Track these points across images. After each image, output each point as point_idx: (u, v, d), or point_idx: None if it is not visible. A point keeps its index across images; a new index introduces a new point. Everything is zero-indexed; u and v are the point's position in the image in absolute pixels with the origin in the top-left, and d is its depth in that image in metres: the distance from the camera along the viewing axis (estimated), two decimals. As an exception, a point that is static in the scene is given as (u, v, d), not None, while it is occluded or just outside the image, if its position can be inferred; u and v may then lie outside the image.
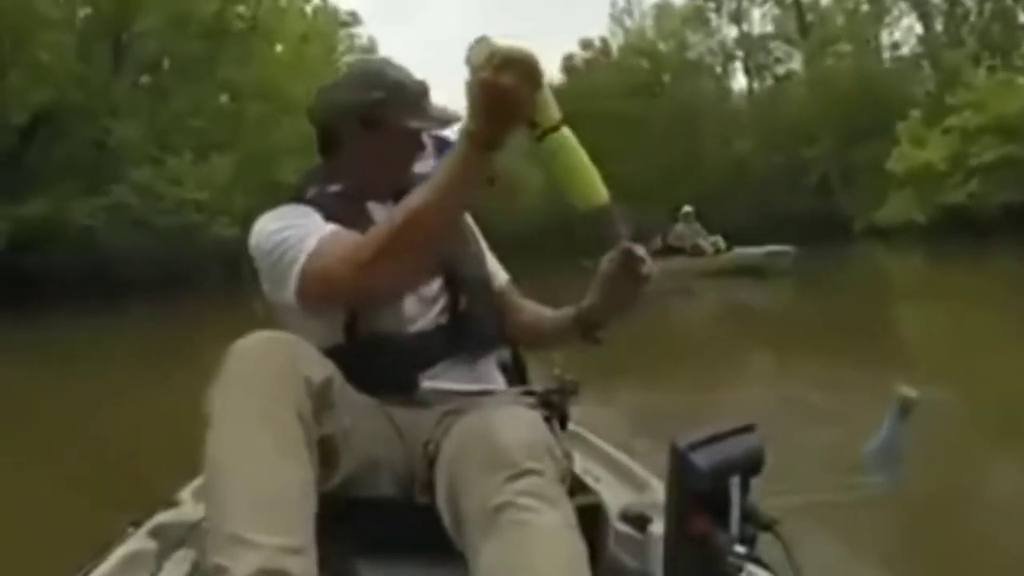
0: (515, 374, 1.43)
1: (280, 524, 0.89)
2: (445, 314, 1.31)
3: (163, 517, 1.38)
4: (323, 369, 1.05)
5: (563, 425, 1.30)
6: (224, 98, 22.19)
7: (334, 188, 1.36)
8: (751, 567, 0.94)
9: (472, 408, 1.17)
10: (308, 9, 27.56)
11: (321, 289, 1.19)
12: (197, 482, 1.45)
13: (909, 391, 1.07)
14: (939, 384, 3.38)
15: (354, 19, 31.47)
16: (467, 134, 1.07)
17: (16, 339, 9.85)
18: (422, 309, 1.29)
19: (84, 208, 16.55)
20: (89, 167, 16.99)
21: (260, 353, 1.00)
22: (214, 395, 0.98)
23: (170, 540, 1.30)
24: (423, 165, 1.43)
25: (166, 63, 21.45)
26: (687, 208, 13.03)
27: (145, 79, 20.91)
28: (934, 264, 15.44)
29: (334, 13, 30.01)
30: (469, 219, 1.46)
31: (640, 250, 1.21)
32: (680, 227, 12.93)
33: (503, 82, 1.01)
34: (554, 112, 1.08)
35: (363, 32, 33.27)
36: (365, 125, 1.32)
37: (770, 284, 11.41)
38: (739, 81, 34.68)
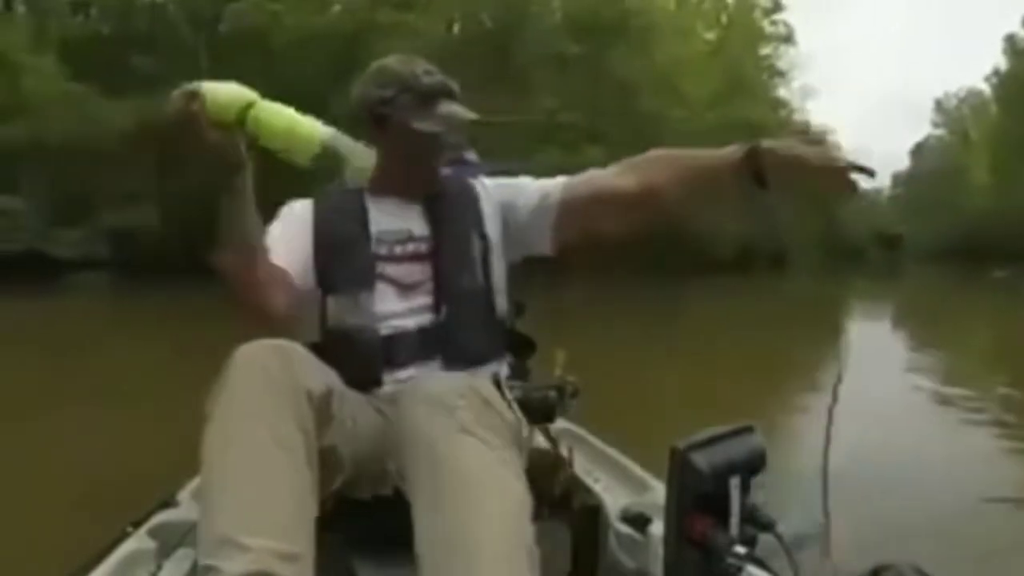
0: (515, 374, 1.42)
1: (273, 528, 0.89)
2: (427, 319, 1.31)
3: (163, 517, 1.38)
4: (324, 378, 1.06)
5: (549, 419, 1.29)
6: (607, 92, 22.41)
7: (347, 184, 1.38)
8: (751, 568, 0.94)
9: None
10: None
11: None
12: (196, 482, 1.45)
13: None
14: None
15: (776, 5, 30.11)
16: None
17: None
18: (402, 310, 1.30)
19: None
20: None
21: (262, 362, 1.00)
22: (214, 401, 0.98)
23: (170, 540, 1.30)
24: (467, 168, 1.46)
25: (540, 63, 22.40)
26: None
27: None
28: None
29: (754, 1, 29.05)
30: (492, 192, 1.42)
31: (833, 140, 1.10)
32: None
33: (185, 122, 1.11)
34: (233, 101, 1.16)
35: (784, 19, 31.60)
36: (375, 123, 1.35)
37: None
38: None
